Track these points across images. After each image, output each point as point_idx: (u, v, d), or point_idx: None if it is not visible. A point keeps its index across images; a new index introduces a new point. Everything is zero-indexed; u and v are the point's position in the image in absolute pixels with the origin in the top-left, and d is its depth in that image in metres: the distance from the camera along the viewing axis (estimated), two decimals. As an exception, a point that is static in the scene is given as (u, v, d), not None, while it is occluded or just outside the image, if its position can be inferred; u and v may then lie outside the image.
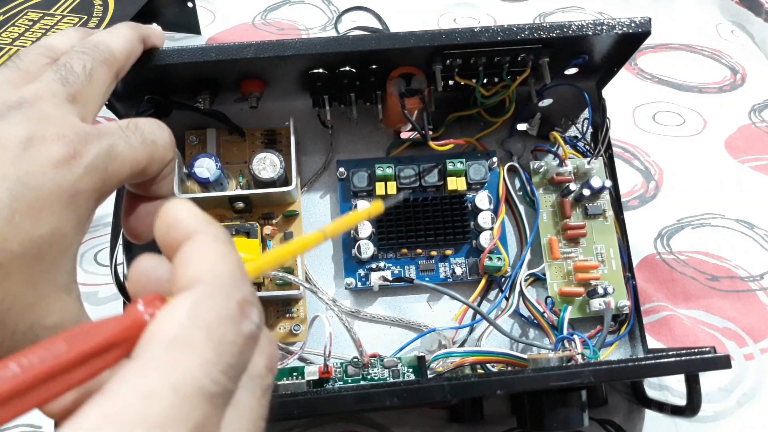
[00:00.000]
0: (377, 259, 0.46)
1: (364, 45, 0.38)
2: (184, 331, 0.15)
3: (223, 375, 0.15)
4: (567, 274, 0.46)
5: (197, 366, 0.15)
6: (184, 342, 0.15)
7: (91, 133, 0.23)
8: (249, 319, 0.17)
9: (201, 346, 0.15)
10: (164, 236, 0.18)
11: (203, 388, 0.15)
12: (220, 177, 0.43)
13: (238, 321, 0.16)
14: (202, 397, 0.15)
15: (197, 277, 0.17)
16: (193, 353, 0.15)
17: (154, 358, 0.15)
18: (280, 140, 0.47)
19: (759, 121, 0.64)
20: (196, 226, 0.18)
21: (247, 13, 0.75)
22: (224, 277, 0.17)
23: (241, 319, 0.17)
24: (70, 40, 0.28)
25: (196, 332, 0.15)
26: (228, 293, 0.17)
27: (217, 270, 0.17)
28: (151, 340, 0.15)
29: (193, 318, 0.16)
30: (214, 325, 0.16)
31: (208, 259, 0.17)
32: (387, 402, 0.33)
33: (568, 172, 0.46)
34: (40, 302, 0.21)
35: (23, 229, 0.20)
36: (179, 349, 0.15)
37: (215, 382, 0.15)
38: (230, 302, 0.17)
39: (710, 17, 0.77)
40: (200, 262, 0.17)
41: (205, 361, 0.15)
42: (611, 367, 0.35)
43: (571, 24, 0.39)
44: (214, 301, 0.16)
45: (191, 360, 0.15)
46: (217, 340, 0.16)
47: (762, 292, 0.52)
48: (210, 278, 0.17)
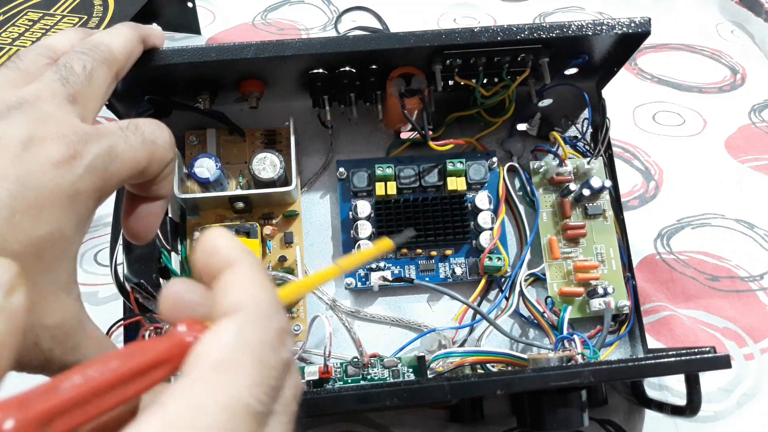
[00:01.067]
0: (377, 259, 0.46)
1: (364, 45, 0.38)
2: (230, 354, 0.16)
3: (266, 396, 0.16)
4: (567, 274, 0.46)
5: (244, 386, 0.16)
6: (232, 364, 0.16)
7: (91, 134, 0.23)
8: (286, 346, 0.18)
9: (247, 368, 0.16)
10: (204, 263, 0.19)
11: (249, 407, 0.16)
12: (220, 177, 0.43)
13: (277, 347, 0.17)
14: (248, 415, 0.16)
15: (240, 304, 0.18)
16: (241, 374, 0.16)
17: (203, 377, 0.16)
18: (280, 140, 0.47)
19: (759, 121, 0.64)
20: (235, 254, 0.19)
21: (247, 13, 0.75)
22: (265, 304, 0.18)
23: (280, 345, 0.18)
24: (70, 41, 0.28)
25: (242, 355, 0.16)
26: (269, 320, 0.18)
27: (258, 298, 0.18)
28: (198, 361, 0.16)
29: (239, 342, 0.17)
30: (258, 349, 0.17)
31: (248, 287, 0.18)
32: (387, 402, 0.33)
33: (567, 172, 0.46)
34: (40, 302, 0.21)
35: (23, 229, 0.20)
36: (227, 370, 0.16)
37: (259, 402, 0.16)
38: (271, 329, 0.18)
39: (710, 17, 0.77)
40: (241, 290, 0.18)
41: (251, 383, 0.16)
42: (611, 367, 0.35)
43: (571, 24, 0.39)
44: (256, 327, 0.17)
45: (239, 381, 0.16)
46: (261, 363, 0.17)
47: (762, 292, 0.52)
48: (252, 305, 0.18)
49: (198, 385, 0.15)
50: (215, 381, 0.16)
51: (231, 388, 0.16)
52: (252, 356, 0.17)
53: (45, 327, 0.21)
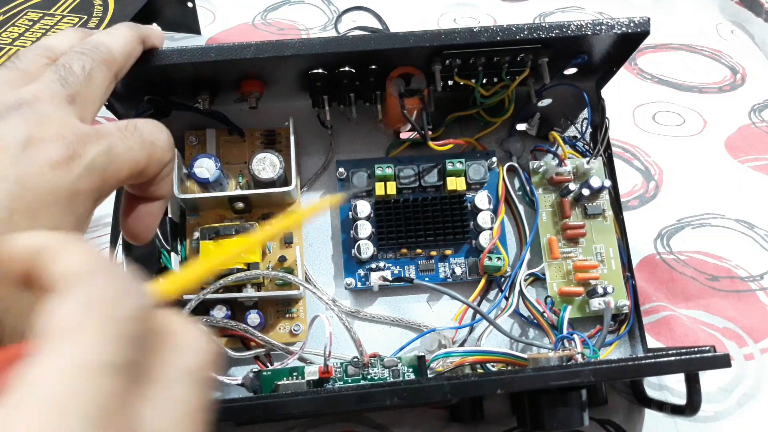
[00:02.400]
0: (377, 259, 0.46)
1: (363, 45, 0.38)
2: (71, 318, 0.15)
3: (128, 349, 0.15)
4: (566, 273, 0.46)
5: (96, 344, 0.15)
6: (74, 327, 0.15)
7: (90, 134, 0.23)
8: (137, 293, 0.17)
9: (94, 327, 0.15)
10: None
11: (104, 363, 0.15)
12: (219, 177, 0.43)
13: (123, 297, 0.16)
14: (108, 371, 0.15)
15: (62, 275, 0.16)
16: (89, 334, 0.15)
17: (49, 351, 0.15)
18: (279, 140, 0.47)
19: (759, 121, 0.64)
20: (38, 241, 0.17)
21: (247, 13, 0.75)
22: (94, 265, 0.17)
23: (126, 294, 0.16)
24: (69, 41, 0.28)
25: (85, 316, 0.15)
26: (105, 278, 0.17)
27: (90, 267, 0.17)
28: (42, 338, 0.15)
29: (76, 305, 0.15)
30: (103, 305, 0.16)
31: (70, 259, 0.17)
32: (387, 402, 0.33)
33: (567, 172, 0.47)
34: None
35: (21, 230, 0.20)
36: (71, 334, 0.15)
37: (115, 354, 0.15)
38: (111, 284, 0.16)
39: (710, 17, 0.77)
40: (58, 265, 0.17)
41: (103, 338, 0.15)
42: (611, 366, 0.35)
43: (570, 24, 0.39)
44: (94, 287, 0.16)
45: (88, 340, 0.15)
46: (110, 317, 0.15)
47: (762, 292, 0.52)
48: (82, 271, 0.16)
49: (43, 362, 0.14)
50: (60, 350, 0.14)
51: (79, 351, 0.14)
52: (97, 313, 0.15)
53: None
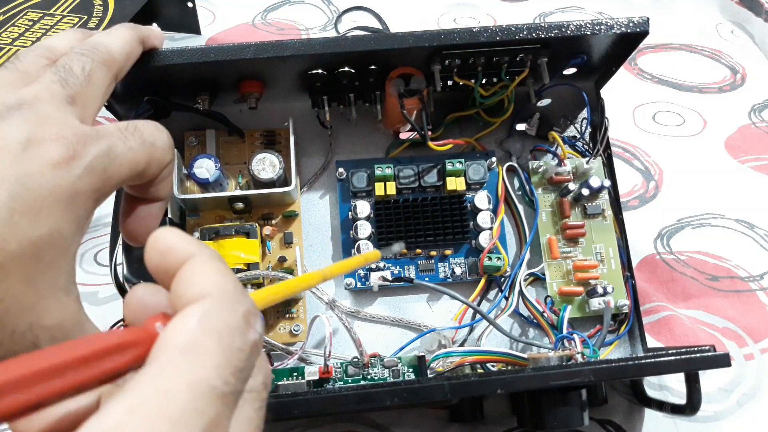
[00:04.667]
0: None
1: (362, 45, 0.38)
2: (196, 338, 0.16)
3: (233, 378, 0.16)
4: (566, 273, 0.46)
5: (210, 368, 0.16)
6: (197, 347, 0.16)
7: (90, 135, 0.23)
8: (253, 329, 0.18)
9: (212, 351, 0.16)
10: (159, 263, 0.19)
11: (216, 388, 0.16)
12: (219, 177, 0.43)
13: (244, 330, 0.17)
14: (215, 397, 0.16)
15: (202, 292, 0.17)
16: (206, 357, 0.16)
17: (170, 361, 0.16)
18: (279, 141, 0.47)
19: (759, 121, 0.64)
20: (191, 248, 0.19)
21: (247, 13, 0.75)
22: (228, 289, 0.18)
23: (246, 328, 0.18)
24: (69, 42, 0.28)
25: (207, 339, 0.16)
26: (233, 304, 0.18)
27: (221, 284, 0.18)
28: (164, 347, 0.16)
29: (203, 326, 0.17)
30: (223, 331, 0.17)
31: (210, 275, 0.18)
32: (387, 402, 0.33)
33: (566, 172, 0.47)
34: (38, 303, 0.21)
35: (22, 230, 0.20)
36: (193, 353, 0.16)
37: (226, 383, 0.16)
38: (236, 312, 0.18)
39: (710, 17, 0.77)
40: (203, 278, 0.18)
41: (217, 364, 0.16)
42: (611, 366, 0.35)
43: (569, 24, 0.39)
44: (221, 312, 0.17)
45: (204, 363, 0.16)
46: (227, 346, 0.17)
47: (762, 292, 0.52)
48: (215, 291, 0.18)
49: (163, 370, 0.15)
50: (181, 364, 0.16)
51: (197, 371, 0.16)
52: (218, 338, 0.17)
53: (44, 328, 0.21)
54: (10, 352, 0.21)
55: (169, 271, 0.19)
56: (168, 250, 0.19)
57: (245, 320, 0.18)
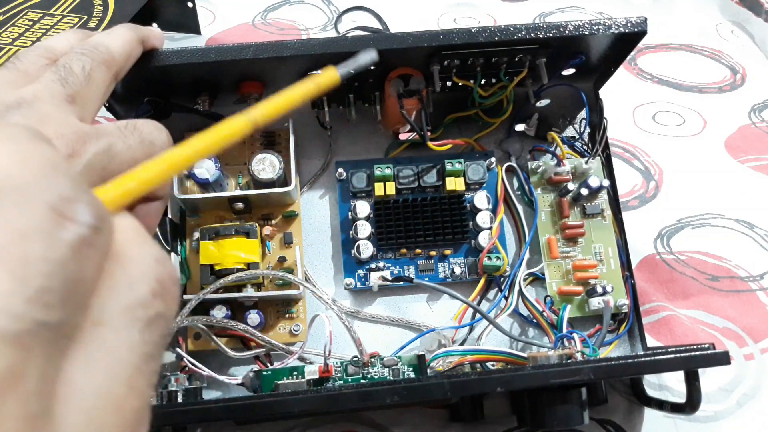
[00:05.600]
0: (376, 259, 0.46)
1: (362, 46, 0.38)
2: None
3: (33, 305, 0.12)
4: (566, 273, 0.46)
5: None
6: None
7: (90, 133, 0.23)
8: (71, 221, 0.13)
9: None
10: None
11: (3, 328, 0.11)
12: (219, 178, 0.43)
13: (50, 228, 0.13)
14: (4, 339, 0.11)
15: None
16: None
17: None
18: (279, 141, 0.47)
19: (759, 121, 0.64)
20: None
21: (247, 13, 0.75)
22: (22, 177, 0.13)
23: (56, 224, 0.13)
24: (69, 42, 0.28)
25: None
26: (27, 197, 0.13)
27: (12, 170, 0.13)
28: None
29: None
30: (8, 242, 0.12)
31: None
32: (387, 400, 0.33)
33: (566, 172, 0.47)
34: None
35: None
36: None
37: (18, 318, 0.11)
38: (33, 208, 0.13)
39: (710, 17, 0.77)
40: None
41: (11, 283, 0.12)
42: (611, 364, 0.35)
43: (568, 24, 0.39)
44: (4, 213, 0.12)
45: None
46: (16, 260, 0.12)
47: (762, 292, 0.52)
48: (1, 185, 0.13)
49: None
50: None
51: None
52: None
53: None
54: None
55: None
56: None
57: (52, 212, 0.13)
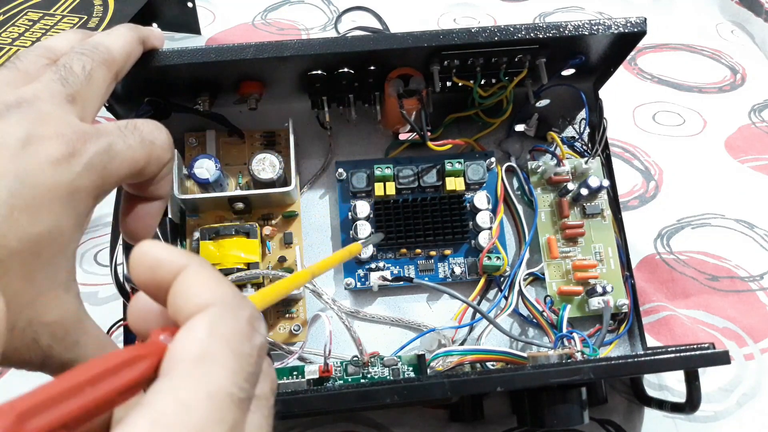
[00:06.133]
0: (376, 259, 0.46)
1: (361, 46, 0.38)
2: (207, 347, 0.16)
3: (246, 383, 0.17)
4: (566, 273, 0.46)
5: (225, 376, 0.16)
6: (209, 356, 0.16)
7: (90, 133, 0.23)
8: (258, 332, 0.18)
9: (225, 359, 0.16)
10: (150, 278, 0.18)
11: (233, 395, 0.16)
12: (219, 178, 0.43)
13: (250, 334, 0.18)
14: (233, 403, 0.16)
15: (204, 302, 0.18)
16: (219, 365, 0.16)
17: (186, 372, 0.16)
18: (279, 141, 0.47)
19: (759, 121, 0.64)
20: (182, 259, 0.18)
21: (247, 13, 0.75)
22: (228, 296, 0.18)
23: (252, 332, 0.18)
24: (69, 42, 0.28)
25: (218, 347, 0.17)
26: (237, 310, 0.18)
27: (220, 292, 0.18)
28: (177, 359, 0.16)
29: (212, 335, 0.17)
30: (232, 338, 0.17)
31: (208, 284, 0.18)
32: (387, 400, 0.33)
33: (565, 172, 0.47)
34: (38, 299, 0.21)
35: (21, 226, 0.20)
36: (206, 362, 0.16)
37: (241, 389, 0.16)
38: (241, 318, 0.18)
39: (710, 17, 0.78)
40: (202, 289, 0.18)
41: (231, 371, 0.16)
42: (610, 364, 0.35)
43: (567, 24, 0.39)
44: (227, 319, 0.17)
45: (219, 371, 0.16)
46: (237, 352, 0.17)
47: (762, 292, 0.52)
48: (217, 300, 0.18)
49: (179, 381, 0.16)
50: (196, 375, 0.16)
51: (212, 380, 0.16)
52: (228, 346, 0.17)
53: (44, 324, 0.22)
54: (10, 348, 0.21)
55: (162, 286, 0.18)
56: (158, 264, 0.18)
57: (250, 324, 0.18)
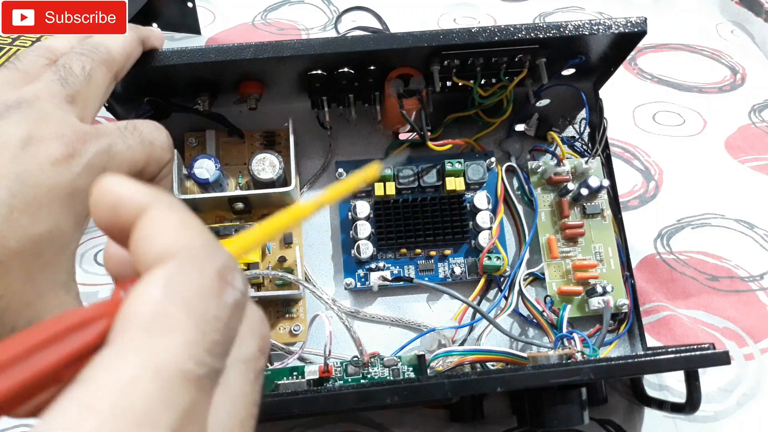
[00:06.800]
0: (376, 259, 0.46)
1: (361, 46, 0.38)
2: (161, 310, 0.14)
3: (209, 354, 0.14)
4: (566, 273, 0.46)
5: (179, 347, 0.13)
6: (163, 321, 0.14)
7: (90, 133, 0.23)
8: (231, 286, 0.15)
9: (182, 325, 0.14)
10: (110, 220, 0.16)
11: (188, 372, 0.13)
12: (219, 178, 0.43)
13: (219, 291, 0.15)
14: (188, 382, 0.13)
15: (166, 251, 0.15)
16: (174, 333, 0.13)
17: (131, 341, 0.13)
18: (279, 141, 0.47)
19: (759, 121, 0.64)
20: (145, 197, 0.16)
21: (247, 13, 0.75)
22: (195, 244, 0.15)
23: (222, 288, 0.15)
24: (69, 42, 0.28)
25: (175, 309, 0.14)
26: (203, 263, 0.15)
27: (186, 238, 0.15)
28: (126, 323, 0.14)
29: (169, 294, 0.14)
30: (194, 299, 0.14)
31: (172, 229, 0.15)
32: (387, 400, 0.33)
33: (565, 172, 0.47)
34: (38, 299, 0.21)
35: (21, 227, 0.20)
36: (158, 330, 0.13)
37: (200, 364, 0.14)
38: (208, 272, 0.15)
39: (710, 17, 0.77)
40: (165, 235, 0.15)
41: (188, 341, 0.14)
42: (610, 364, 0.35)
43: (568, 24, 0.39)
44: (189, 274, 0.15)
45: (172, 341, 0.13)
46: (199, 315, 0.14)
47: (762, 292, 0.52)
48: (180, 249, 0.15)
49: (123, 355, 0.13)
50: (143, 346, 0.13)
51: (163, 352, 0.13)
52: (187, 308, 0.14)
53: (43, 325, 0.22)
54: None
55: (125, 229, 0.16)
56: (118, 202, 0.16)
57: (220, 279, 0.15)
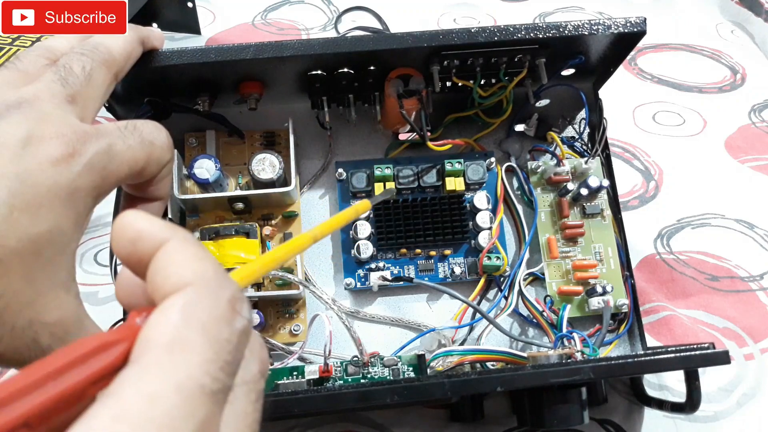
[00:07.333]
0: (376, 259, 0.46)
1: (361, 46, 0.38)
2: (180, 333, 0.15)
3: (222, 372, 0.16)
4: (566, 273, 0.46)
5: (197, 365, 0.15)
6: (182, 342, 0.15)
7: (90, 133, 0.23)
8: (240, 315, 0.17)
9: (199, 346, 0.15)
10: (131, 253, 0.18)
11: (205, 387, 0.15)
12: (219, 178, 0.43)
13: (230, 318, 0.17)
14: (205, 395, 0.15)
15: (181, 281, 0.17)
16: (192, 353, 0.15)
17: (154, 360, 0.15)
18: (279, 142, 0.47)
19: (759, 121, 0.64)
20: (163, 233, 0.18)
21: (247, 13, 0.75)
22: (209, 276, 0.17)
23: (232, 315, 0.17)
24: (69, 42, 0.28)
25: (192, 332, 0.16)
26: (216, 292, 0.17)
27: (200, 270, 0.17)
28: (147, 345, 0.15)
29: (187, 319, 0.16)
30: (209, 323, 0.16)
31: (188, 261, 0.17)
32: (387, 400, 0.33)
33: (565, 172, 0.47)
34: (38, 299, 0.21)
35: (22, 226, 0.20)
36: (177, 350, 0.15)
37: (215, 380, 0.15)
38: (220, 300, 0.17)
39: (710, 17, 0.77)
40: (181, 266, 0.17)
41: (205, 360, 0.15)
42: (610, 363, 0.35)
43: (567, 24, 0.39)
44: (204, 301, 0.16)
45: (191, 360, 0.15)
46: (213, 338, 0.16)
47: (762, 292, 0.52)
48: (195, 279, 0.17)
49: (147, 370, 0.15)
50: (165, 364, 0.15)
51: (183, 369, 0.15)
52: (202, 331, 0.16)
53: (44, 324, 0.22)
54: (10, 348, 0.21)
55: (143, 261, 0.17)
56: (138, 237, 0.17)
57: (231, 307, 0.17)
